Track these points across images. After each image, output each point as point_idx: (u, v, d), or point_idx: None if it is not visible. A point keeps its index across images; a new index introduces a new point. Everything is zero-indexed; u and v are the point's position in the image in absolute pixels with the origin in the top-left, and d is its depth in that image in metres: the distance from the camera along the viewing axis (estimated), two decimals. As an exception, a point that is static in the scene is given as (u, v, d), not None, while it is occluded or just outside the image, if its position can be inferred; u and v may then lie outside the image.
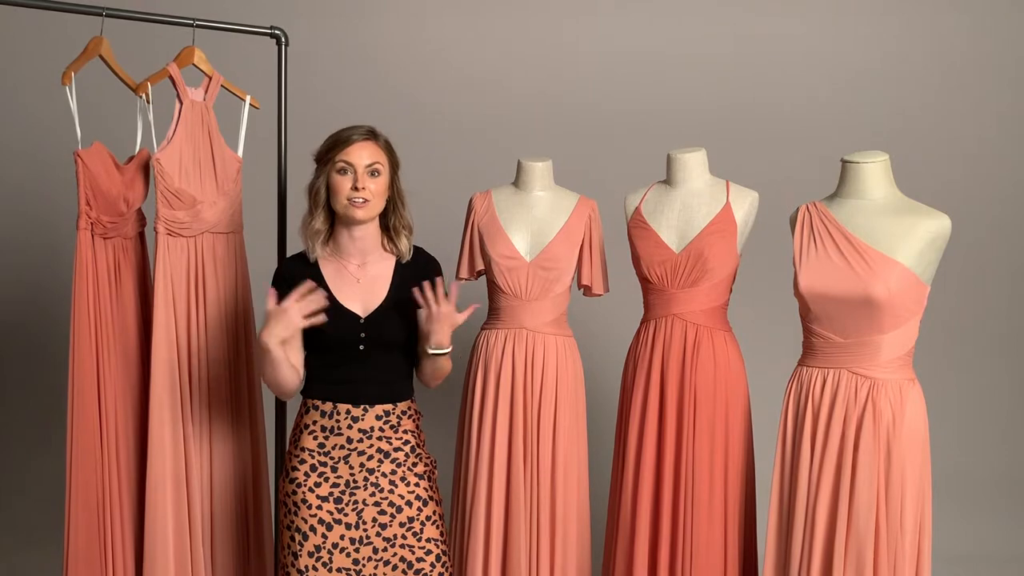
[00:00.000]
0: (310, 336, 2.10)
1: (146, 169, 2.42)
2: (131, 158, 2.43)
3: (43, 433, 3.87)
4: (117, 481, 2.36)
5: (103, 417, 2.34)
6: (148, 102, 2.41)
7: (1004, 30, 4.01)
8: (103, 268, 2.33)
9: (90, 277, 2.30)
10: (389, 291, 2.12)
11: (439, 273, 2.18)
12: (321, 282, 2.09)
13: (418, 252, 2.19)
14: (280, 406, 2.72)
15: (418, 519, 2.12)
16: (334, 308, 2.07)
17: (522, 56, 4.04)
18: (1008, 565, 3.64)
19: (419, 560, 2.10)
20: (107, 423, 2.35)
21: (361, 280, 2.11)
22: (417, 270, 2.15)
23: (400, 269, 2.15)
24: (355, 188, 2.03)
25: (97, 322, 2.32)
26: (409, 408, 2.19)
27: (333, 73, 3.93)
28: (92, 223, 2.29)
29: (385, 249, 2.16)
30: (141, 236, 2.47)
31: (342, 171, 2.04)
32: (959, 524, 3.70)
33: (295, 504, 2.08)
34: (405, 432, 2.15)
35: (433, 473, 2.21)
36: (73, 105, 2.31)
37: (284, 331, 1.97)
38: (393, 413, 2.13)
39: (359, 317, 2.09)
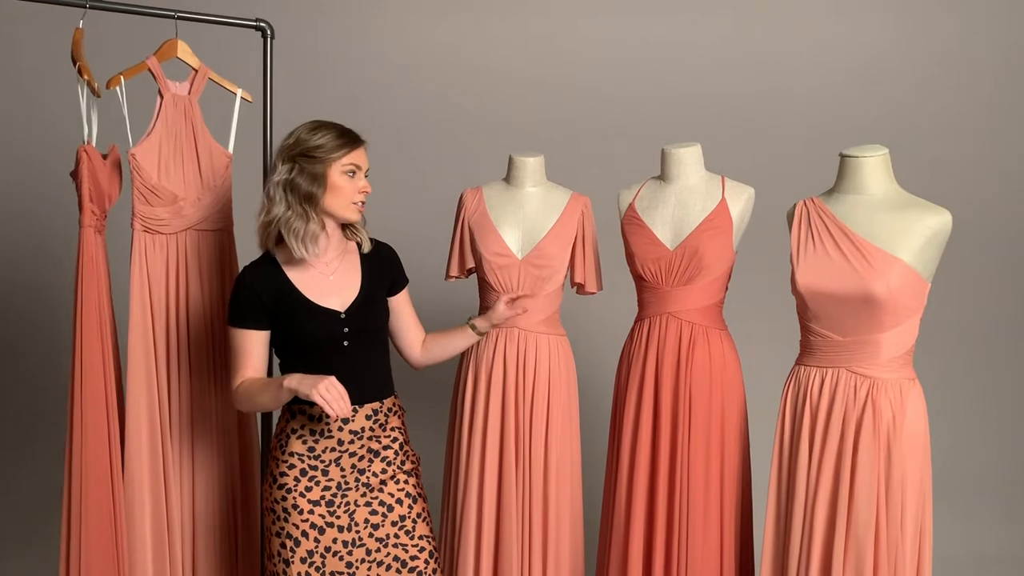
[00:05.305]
0: (293, 340, 2.08)
1: (120, 165, 2.37)
2: (103, 156, 2.37)
3: (31, 436, 3.83)
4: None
5: (109, 417, 2.28)
6: (98, 95, 2.32)
7: (1004, 25, 3.97)
8: (101, 264, 2.29)
9: (93, 273, 2.25)
10: (362, 282, 2.13)
11: (398, 259, 2.25)
12: (291, 288, 2.07)
13: (375, 242, 2.21)
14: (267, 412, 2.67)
15: (409, 516, 2.13)
16: (312, 310, 2.06)
17: (513, 50, 4.00)
18: (1011, 567, 3.61)
19: (412, 558, 2.12)
20: (112, 423, 2.29)
21: (333, 276, 2.11)
22: (382, 260, 2.20)
23: (366, 260, 2.16)
24: (363, 192, 2.06)
25: (100, 319, 2.26)
26: (394, 404, 2.20)
27: (319, 66, 3.90)
28: (96, 219, 2.25)
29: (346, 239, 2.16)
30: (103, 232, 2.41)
31: (350, 173, 2.04)
32: (960, 526, 3.67)
33: (284, 510, 2.05)
34: (393, 429, 2.16)
35: (418, 469, 2.22)
36: (83, 102, 2.25)
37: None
38: (380, 411, 2.14)
39: (339, 312, 2.08)
